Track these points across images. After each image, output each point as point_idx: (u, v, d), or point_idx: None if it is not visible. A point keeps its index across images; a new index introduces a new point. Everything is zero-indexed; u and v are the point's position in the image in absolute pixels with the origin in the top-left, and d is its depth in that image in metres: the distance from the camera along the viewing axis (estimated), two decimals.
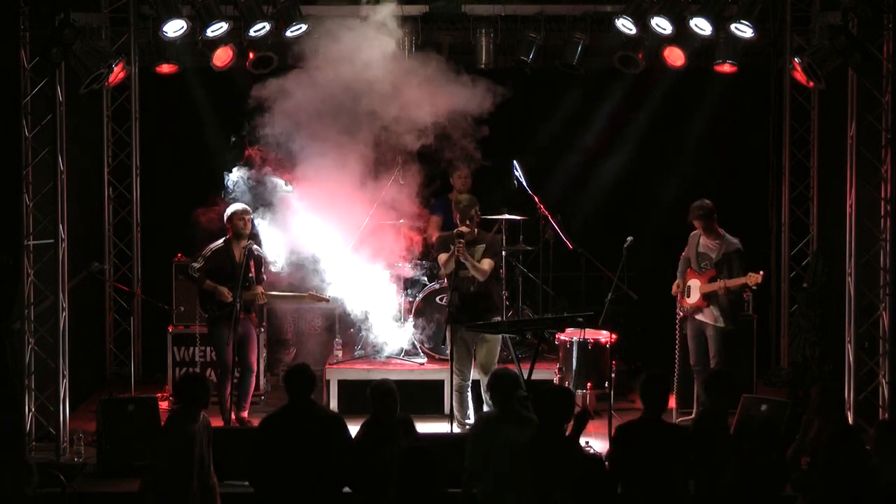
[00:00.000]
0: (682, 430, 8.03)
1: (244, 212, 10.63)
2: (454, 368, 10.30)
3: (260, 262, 10.74)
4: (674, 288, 10.90)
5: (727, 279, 10.49)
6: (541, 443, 7.45)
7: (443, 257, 10.40)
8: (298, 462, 7.51)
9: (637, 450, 7.44)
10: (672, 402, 10.95)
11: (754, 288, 10.73)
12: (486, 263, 10.22)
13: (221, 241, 10.65)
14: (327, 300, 11.21)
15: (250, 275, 10.55)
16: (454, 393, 10.40)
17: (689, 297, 10.75)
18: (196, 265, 10.57)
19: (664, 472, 7.38)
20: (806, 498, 7.38)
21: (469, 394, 10.47)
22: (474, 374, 10.51)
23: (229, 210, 10.65)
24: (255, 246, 10.67)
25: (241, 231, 10.55)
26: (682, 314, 10.92)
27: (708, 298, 10.60)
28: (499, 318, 10.43)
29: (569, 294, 12.66)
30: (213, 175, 11.54)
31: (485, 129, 11.29)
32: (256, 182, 11.19)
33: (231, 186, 11.17)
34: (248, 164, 11.21)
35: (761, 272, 10.42)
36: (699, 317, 10.69)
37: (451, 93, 11.21)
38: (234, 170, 11.22)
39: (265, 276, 10.82)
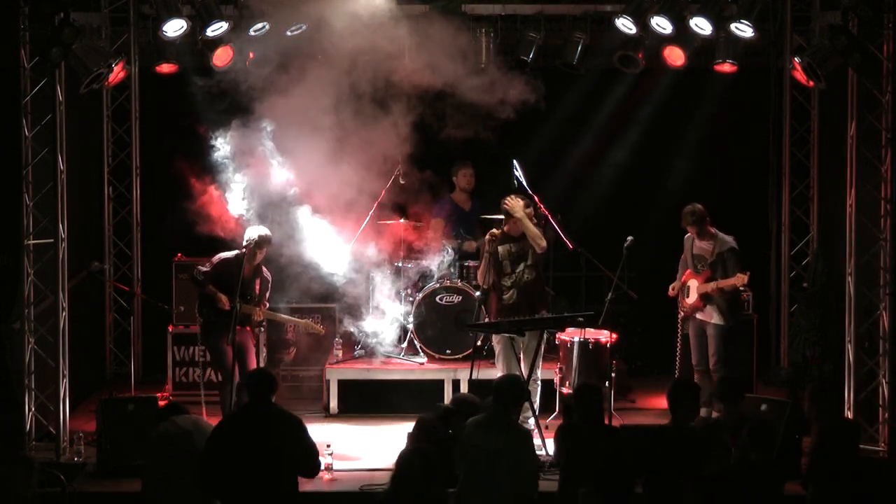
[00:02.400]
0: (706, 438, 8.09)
1: (265, 241, 10.51)
2: (503, 369, 10.29)
3: (266, 284, 10.69)
4: (670, 290, 10.92)
5: (721, 279, 10.51)
6: (578, 433, 7.72)
7: (482, 268, 10.54)
8: (253, 464, 7.40)
9: (668, 457, 7.58)
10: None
11: (742, 288, 10.71)
12: (544, 239, 10.37)
13: (234, 253, 10.53)
14: (321, 331, 11.20)
15: (255, 292, 10.53)
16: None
17: (688, 297, 10.78)
18: (203, 269, 10.49)
19: (686, 476, 7.48)
20: (811, 489, 7.43)
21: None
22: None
23: (252, 234, 10.47)
24: (264, 268, 10.65)
25: (254, 260, 10.51)
26: (682, 314, 10.94)
27: (705, 298, 10.64)
28: (546, 312, 10.54)
29: (569, 294, 12.66)
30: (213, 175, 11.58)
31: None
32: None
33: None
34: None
35: (747, 273, 10.43)
36: (699, 316, 10.73)
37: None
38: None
39: (267, 303, 10.78)
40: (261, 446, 7.42)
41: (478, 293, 10.83)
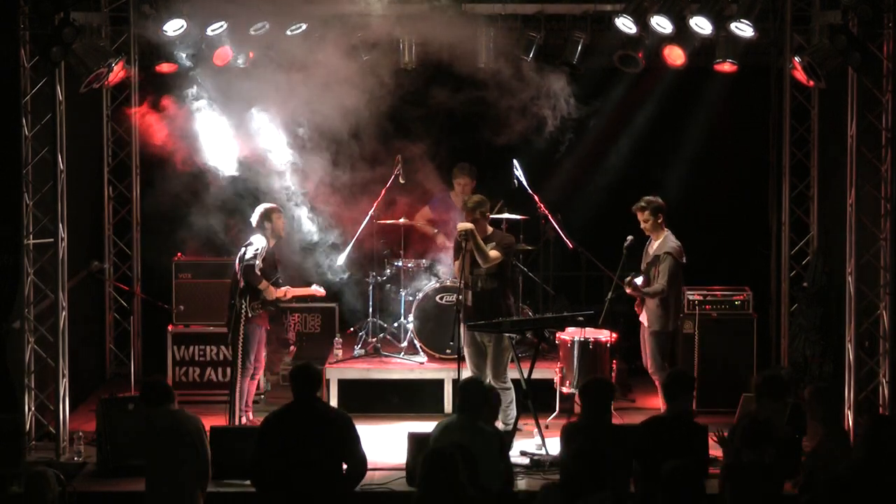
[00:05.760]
0: (703, 428, 8.07)
1: (272, 212, 10.55)
2: (470, 370, 10.26)
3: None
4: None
5: (653, 283, 10.42)
6: (586, 430, 7.67)
7: (457, 265, 10.37)
8: (303, 460, 7.44)
9: (662, 444, 7.54)
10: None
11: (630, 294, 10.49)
12: (493, 252, 10.17)
13: (264, 242, 10.45)
14: (323, 294, 11.17)
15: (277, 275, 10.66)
16: None
17: None
18: (260, 264, 10.33)
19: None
20: (806, 497, 7.40)
21: None
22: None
23: (268, 209, 10.53)
24: None
25: (281, 233, 10.61)
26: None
27: (641, 300, 10.57)
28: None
29: (569, 293, 12.65)
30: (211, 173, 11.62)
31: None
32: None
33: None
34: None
35: (630, 277, 10.37)
36: (641, 318, 10.67)
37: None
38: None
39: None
40: (318, 443, 7.48)
41: None
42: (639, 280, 10.43)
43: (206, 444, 7.89)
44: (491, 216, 10.63)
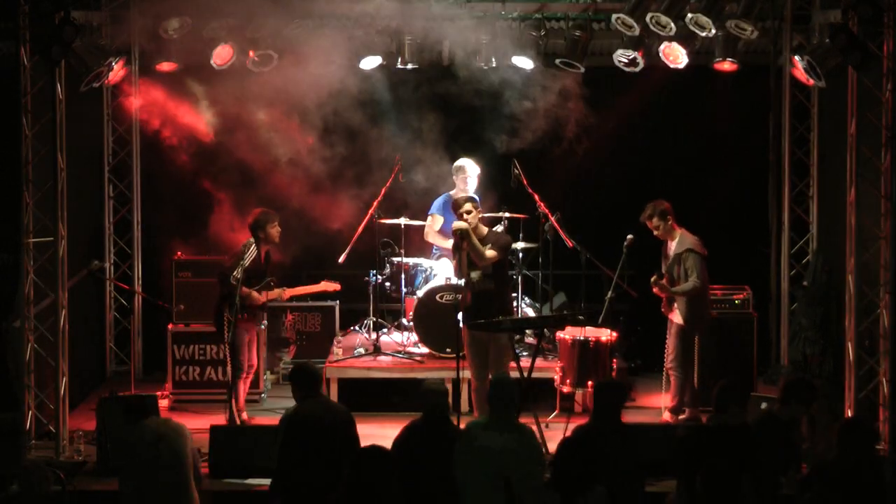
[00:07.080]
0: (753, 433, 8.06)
1: (276, 218, 10.59)
2: (470, 369, 10.26)
3: (272, 261, 10.81)
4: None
5: (680, 282, 10.45)
6: (598, 433, 7.60)
7: (456, 264, 10.34)
8: (323, 455, 7.62)
9: (713, 453, 7.49)
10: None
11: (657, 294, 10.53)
12: (489, 252, 10.16)
13: (253, 246, 10.49)
14: (338, 288, 11.15)
15: (269, 274, 10.62)
16: (473, 393, 10.36)
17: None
18: (237, 275, 10.32)
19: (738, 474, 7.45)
20: (807, 495, 7.40)
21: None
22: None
23: (262, 217, 10.53)
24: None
25: (276, 240, 10.58)
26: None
27: (669, 300, 10.58)
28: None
29: (569, 292, 12.64)
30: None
31: None
32: None
33: None
34: None
35: (654, 276, 10.44)
36: (670, 315, 10.69)
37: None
38: None
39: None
40: (332, 438, 7.66)
41: None
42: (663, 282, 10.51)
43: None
44: (482, 214, 10.68)
